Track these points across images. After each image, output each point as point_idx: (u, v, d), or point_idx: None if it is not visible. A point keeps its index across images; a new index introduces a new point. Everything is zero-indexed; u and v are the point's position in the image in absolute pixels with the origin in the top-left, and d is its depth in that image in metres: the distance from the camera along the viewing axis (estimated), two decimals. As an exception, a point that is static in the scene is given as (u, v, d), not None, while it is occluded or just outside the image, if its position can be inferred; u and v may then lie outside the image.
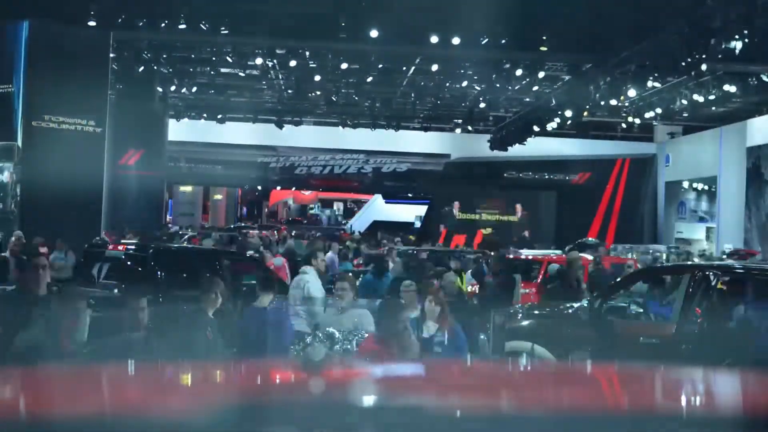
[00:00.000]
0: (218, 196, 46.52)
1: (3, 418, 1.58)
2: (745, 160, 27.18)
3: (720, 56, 16.14)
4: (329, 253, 15.17)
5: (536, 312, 10.23)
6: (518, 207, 33.68)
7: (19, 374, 2.22)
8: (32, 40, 17.55)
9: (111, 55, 19.59)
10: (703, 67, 17.04)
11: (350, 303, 7.25)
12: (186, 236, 25.07)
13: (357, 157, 37.27)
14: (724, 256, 23.08)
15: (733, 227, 27.82)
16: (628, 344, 7.93)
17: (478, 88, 27.02)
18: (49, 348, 4.69)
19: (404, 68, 24.69)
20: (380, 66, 23.64)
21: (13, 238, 13.42)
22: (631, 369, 2.52)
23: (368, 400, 1.75)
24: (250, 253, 15.50)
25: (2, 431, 1.51)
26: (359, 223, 45.60)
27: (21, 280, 7.90)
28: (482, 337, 10.88)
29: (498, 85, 24.82)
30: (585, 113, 25.89)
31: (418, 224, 41.76)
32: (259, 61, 22.90)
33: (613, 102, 23.27)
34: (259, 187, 48.70)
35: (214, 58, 22.87)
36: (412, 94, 29.15)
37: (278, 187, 47.73)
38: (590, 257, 15.55)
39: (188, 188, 42.64)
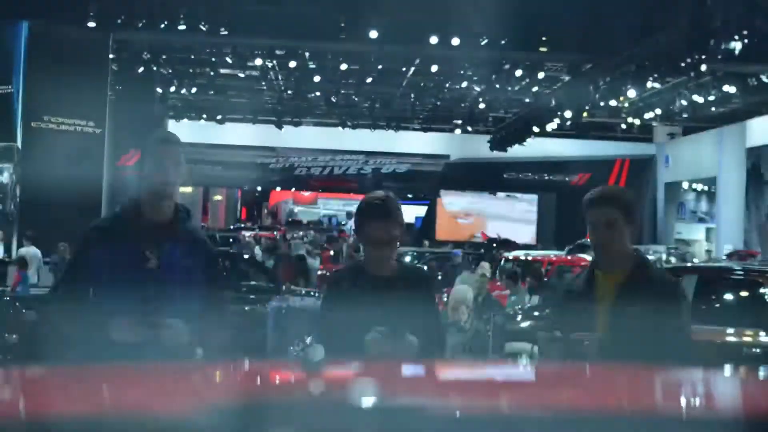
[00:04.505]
0: (218, 197, 46.51)
1: (3, 418, 1.58)
2: (745, 161, 27.17)
3: (720, 56, 16.14)
4: None
5: (536, 313, 10.24)
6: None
7: (19, 374, 2.22)
8: (32, 41, 17.57)
9: (111, 55, 19.60)
10: (703, 67, 17.05)
11: None
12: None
13: (357, 157, 37.28)
14: (724, 257, 23.07)
15: (732, 228, 27.81)
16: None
17: (478, 89, 27.02)
18: None
19: (404, 69, 24.69)
20: (380, 66, 23.64)
21: None
22: (631, 369, 2.52)
23: (368, 400, 1.75)
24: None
25: (2, 431, 1.51)
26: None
27: None
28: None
29: (498, 86, 24.82)
30: (584, 114, 25.88)
31: (418, 225, 41.77)
32: (258, 61, 22.90)
33: (613, 102, 23.27)
34: (259, 188, 48.71)
35: (213, 59, 22.87)
36: (412, 95, 29.15)
37: (278, 188, 47.74)
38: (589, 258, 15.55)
39: (188, 189, 42.63)
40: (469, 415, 1.63)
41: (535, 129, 27.39)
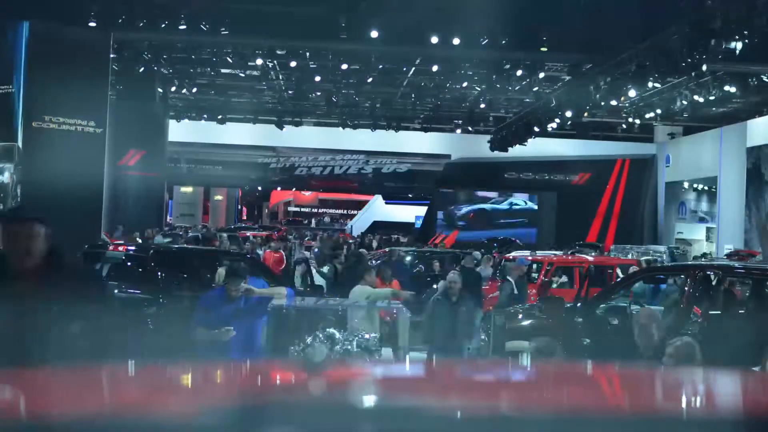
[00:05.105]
0: (219, 197, 46.54)
1: (3, 418, 1.58)
2: (745, 161, 27.17)
3: (720, 56, 16.16)
4: None
5: (536, 312, 10.24)
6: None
7: (19, 374, 2.22)
8: (32, 41, 17.55)
9: (111, 55, 19.59)
10: (704, 67, 17.04)
11: None
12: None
13: (357, 157, 37.29)
14: (724, 257, 23.05)
15: (733, 228, 27.81)
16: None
17: (479, 89, 27.03)
18: None
19: (404, 69, 24.70)
20: (380, 66, 23.65)
21: None
22: (631, 369, 2.52)
23: (368, 400, 1.75)
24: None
25: (2, 431, 1.51)
26: (359, 223, 45.63)
27: None
28: (482, 337, 10.88)
29: (498, 86, 24.83)
30: (585, 114, 25.89)
31: (418, 225, 41.79)
32: (259, 61, 22.91)
33: (613, 102, 23.27)
34: (260, 188, 48.70)
35: (214, 59, 22.87)
36: (413, 95, 29.16)
37: (278, 188, 47.74)
38: (590, 257, 15.54)
39: (188, 189, 42.66)
40: (469, 415, 1.63)
41: (536, 129, 27.39)
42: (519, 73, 21.86)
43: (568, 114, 24.77)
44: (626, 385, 2.16)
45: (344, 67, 23.41)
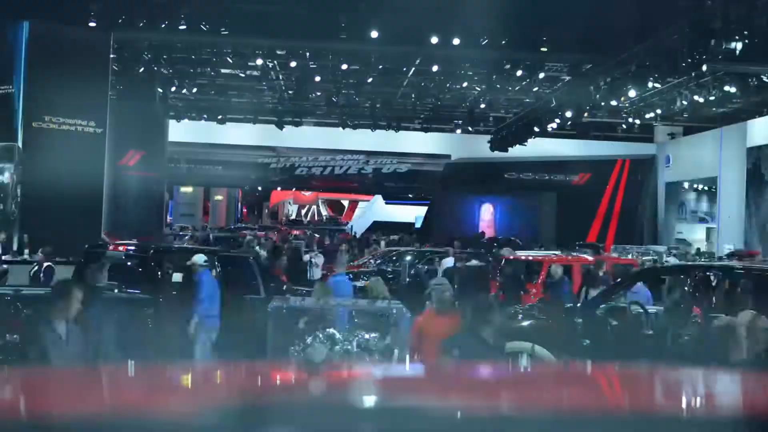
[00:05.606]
0: (219, 197, 46.54)
1: (3, 418, 1.58)
2: (746, 161, 27.17)
3: (720, 57, 16.15)
4: None
5: (536, 313, 10.23)
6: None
7: (19, 374, 2.23)
8: (32, 41, 17.58)
9: (111, 55, 19.61)
10: (704, 67, 17.06)
11: None
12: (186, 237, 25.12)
13: (357, 157, 37.30)
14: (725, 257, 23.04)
15: (733, 228, 27.81)
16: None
17: (479, 89, 27.03)
18: None
19: (404, 69, 24.69)
20: (380, 66, 23.64)
21: None
22: (631, 369, 2.52)
23: (368, 400, 1.75)
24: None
25: (2, 431, 1.51)
26: (359, 224, 45.61)
27: None
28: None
29: (498, 86, 24.83)
30: (585, 114, 25.90)
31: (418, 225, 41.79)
32: (259, 61, 22.90)
33: (613, 102, 23.27)
34: (260, 188, 48.70)
35: (214, 59, 22.87)
36: (413, 95, 29.16)
37: (279, 188, 47.74)
38: (590, 258, 15.54)
39: (188, 189, 42.67)
40: (469, 415, 1.63)
41: (536, 129, 27.39)
42: (519, 73, 21.86)
43: (568, 114, 24.77)
44: (626, 385, 2.16)
45: (344, 67, 23.41)
